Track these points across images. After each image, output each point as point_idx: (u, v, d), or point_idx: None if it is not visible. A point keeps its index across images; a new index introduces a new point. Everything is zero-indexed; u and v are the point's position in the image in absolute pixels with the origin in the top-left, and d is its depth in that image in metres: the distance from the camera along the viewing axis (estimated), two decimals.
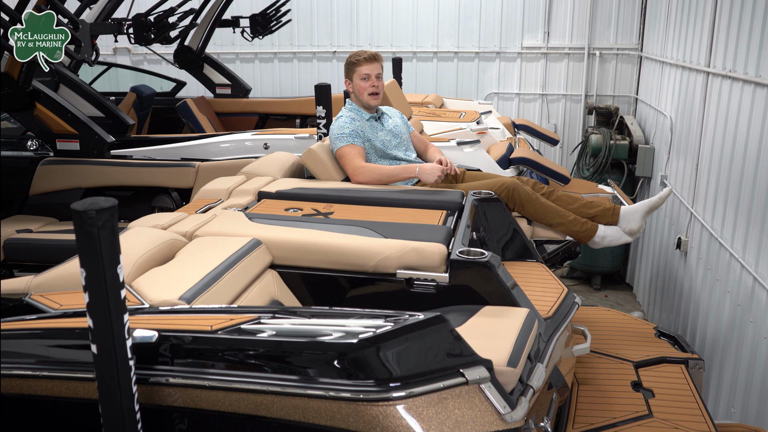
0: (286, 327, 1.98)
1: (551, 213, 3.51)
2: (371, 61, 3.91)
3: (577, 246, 3.72)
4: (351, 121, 3.88)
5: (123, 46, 9.17)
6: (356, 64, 3.92)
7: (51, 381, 1.93)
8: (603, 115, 7.56)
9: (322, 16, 8.77)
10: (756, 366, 3.77)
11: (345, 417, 1.71)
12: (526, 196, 3.50)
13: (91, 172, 5.16)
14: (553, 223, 3.53)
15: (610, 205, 3.69)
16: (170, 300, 2.17)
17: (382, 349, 1.74)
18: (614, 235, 3.60)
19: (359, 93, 3.93)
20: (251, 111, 7.47)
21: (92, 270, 1.61)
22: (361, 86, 3.91)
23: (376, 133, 3.92)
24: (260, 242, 2.69)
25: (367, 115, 3.95)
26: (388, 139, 3.94)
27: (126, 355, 1.67)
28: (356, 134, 3.83)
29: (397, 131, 4.02)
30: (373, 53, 3.95)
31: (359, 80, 3.91)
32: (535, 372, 2.12)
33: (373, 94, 3.92)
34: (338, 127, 3.87)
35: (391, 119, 4.07)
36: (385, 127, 3.99)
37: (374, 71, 3.91)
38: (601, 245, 3.61)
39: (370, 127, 3.92)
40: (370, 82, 3.90)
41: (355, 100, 3.99)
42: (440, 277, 2.60)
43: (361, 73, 3.90)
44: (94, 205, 1.58)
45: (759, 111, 3.93)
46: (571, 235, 3.56)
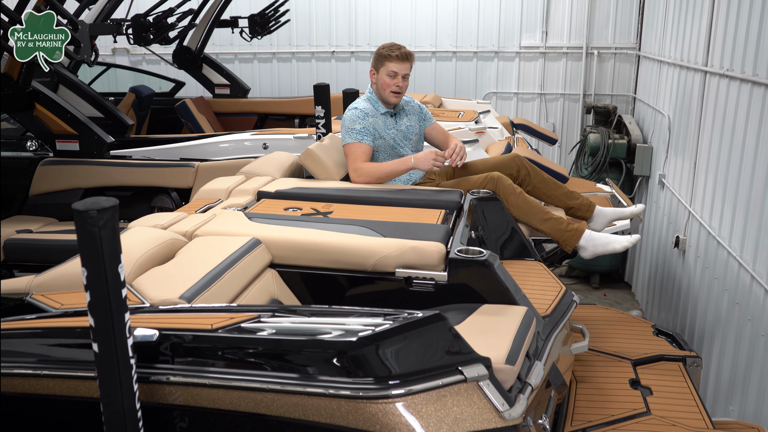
0: (286, 325, 1.99)
1: (535, 209, 3.41)
2: (402, 61, 3.79)
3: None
4: (364, 116, 3.80)
5: (122, 47, 9.17)
6: (386, 58, 3.80)
7: (52, 380, 1.95)
8: (601, 115, 7.58)
9: (321, 16, 8.78)
10: (754, 363, 3.79)
11: (344, 415, 1.72)
12: (510, 188, 3.43)
13: (91, 172, 5.17)
14: (536, 221, 3.40)
15: (589, 201, 3.67)
16: (171, 299, 2.18)
17: (381, 347, 1.75)
18: (601, 240, 3.43)
19: (382, 88, 3.83)
20: (250, 111, 7.48)
21: (93, 269, 1.62)
22: (386, 82, 3.80)
23: (389, 130, 3.86)
24: (260, 242, 2.71)
25: (383, 109, 3.88)
26: (398, 138, 3.89)
27: (127, 354, 1.68)
28: (366, 131, 3.77)
29: (409, 133, 3.95)
30: (406, 52, 3.82)
31: (385, 75, 3.80)
32: (533, 370, 2.13)
33: (395, 93, 3.82)
34: (350, 119, 3.82)
35: (407, 118, 3.98)
36: (397, 125, 3.92)
37: (402, 71, 3.79)
38: (588, 253, 3.43)
39: (383, 122, 3.86)
40: (395, 81, 3.79)
41: (375, 91, 3.90)
42: (439, 276, 2.61)
43: (389, 69, 3.78)
44: (96, 204, 1.59)
45: (756, 109, 3.94)
46: (556, 236, 3.42)
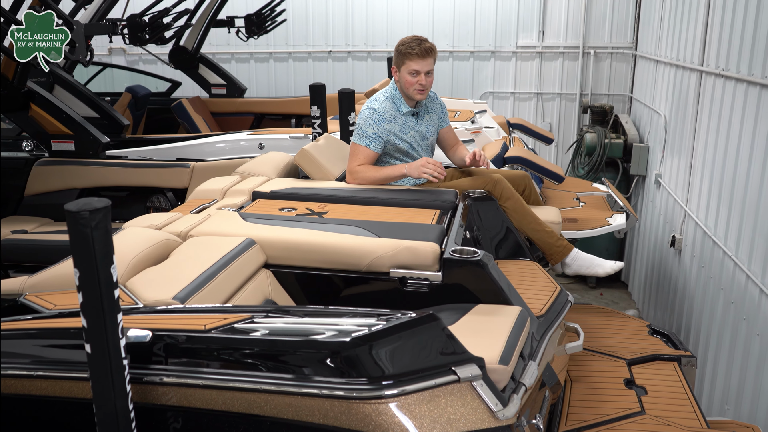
0: (280, 326, 1.99)
1: (530, 217, 3.39)
2: (424, 57, 3.61)
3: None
4: (380, 121, 3.68)
5: (118, 47, 9.16)
6: (407, 56, 3.63)
7: (46, 381, 1.94)
8: (598, 114, 7.59)
9: (318, 15, 8.78)
10: (749, 363, 3.79)
11: (338, 415, 1.72)
12: (509, 191, 3.40)
13: (87, 172, 5.16)
14: (529, 229, 3.38)
15: (565, 244, 3.47)
16: (164, 299, 2.18)
17: (375, 348, 1.75)
18: (585, 262, 3.44)
19: (405, 86, 3.68)
20: (246, 111, 7.48)
21: (86, 270, 1.62)
22: (408, 81, 3.65)
23: (407, 132, 3.76)
24: (254, 242, 2.70)
25: (405, 108, 3.75)
26: (416, 139, 3.80)
27: (120, 355, 1.68)
28: (377, 138, 3.67)
29: (428, 133, 3.86)
30: (427, 47, 3.62)
31: (407, 74, 3.64)
32: (527, 370, 2.13)
33: (420, 91, 3.67)
34: (365, 121, 3.70)
35: (428, 117, 3.87)
36: (418, 125, 3.81)
37: (425, 68, 3.62)
38: (570, 270, 3.44)
39: (403, 124, 3.75)
40: (417, 79, 3.64)
41: (399, 88, 3.76)
42: (433, 276, 2.61)
43: (411, 68, 3.62)
44: (88, 205, 1.59)
45: (751, 109, 3.95)
46: (544, 247, 3.41)
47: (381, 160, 3.80)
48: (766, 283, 3.62)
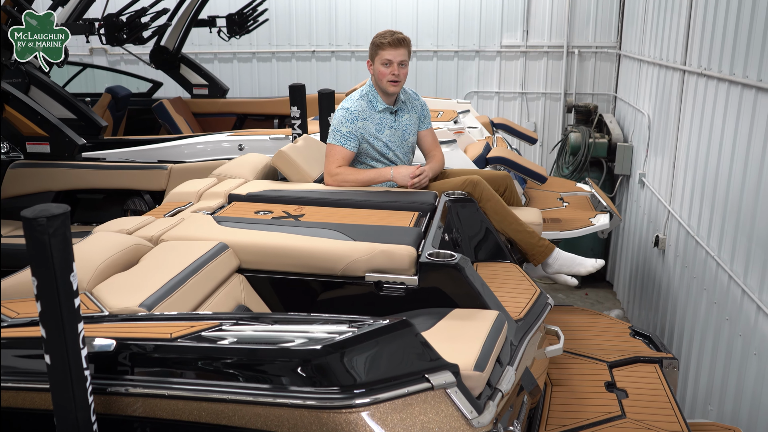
0: (248, 334, 1.94)
1: (510, 218, 3.35)
2: (396, 46, 3.57)
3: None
4: (353, 119, 3.62)
5: (99, 47, 9.06)
6: (379, 47, 3.59)
7: (7, 392, 1.88)
8: (582, 114, 7.58)
9: (301, 15, 8.73)
10: (731, 364, 3.78)
11: (308, 425, 1.67)
12: (489, 192, 3.36)
13: (62, 175, 5.08)
14: (509, 230, 3.33)
15: (547, 243, 3.44)
16: (130, 307, 2.12)
17: (347, 356, 1.71)
18: (567, 261, 3.41)
19: (378, 78, 3.63)
20: (229, 111, 7.42)
21: (44, 279, 1.57)
22: (382, 71, 3.59)
23: (382, 132, 3.69)
24: (227, 246, 2.65)
25: (381, 105, 3.69)
26: (392, 139, 3.72)
27: (81, 365, 1.63)
28: (352, 136, 3.61)
29: (407, 133, 3.79)
30: (400, 37, 3.59)
31: (380, 65, 3.59)
32: (504, 375, 2.09)
33: (393, 82, 3.61)
34: (338, 120, 3.65)
35: (408, 115, 3.80)
36: (396, 124, 3.74)
37: (397, 58, 3.57)
38: (551, 269, 3.42)
39: (379, 123, 3.68)
40: (390, 70, 3.58)
41: (375, 84, 3.71)
42: (409, 280, 2.56)
43: (383, 57, 3.57)
44: (45, 212, 1.54)
45: (733, 108, 3.93)
46: (526, 248, 3.37)
47: (357, 161, 3.74)
48: (748, 283, 3.60)
